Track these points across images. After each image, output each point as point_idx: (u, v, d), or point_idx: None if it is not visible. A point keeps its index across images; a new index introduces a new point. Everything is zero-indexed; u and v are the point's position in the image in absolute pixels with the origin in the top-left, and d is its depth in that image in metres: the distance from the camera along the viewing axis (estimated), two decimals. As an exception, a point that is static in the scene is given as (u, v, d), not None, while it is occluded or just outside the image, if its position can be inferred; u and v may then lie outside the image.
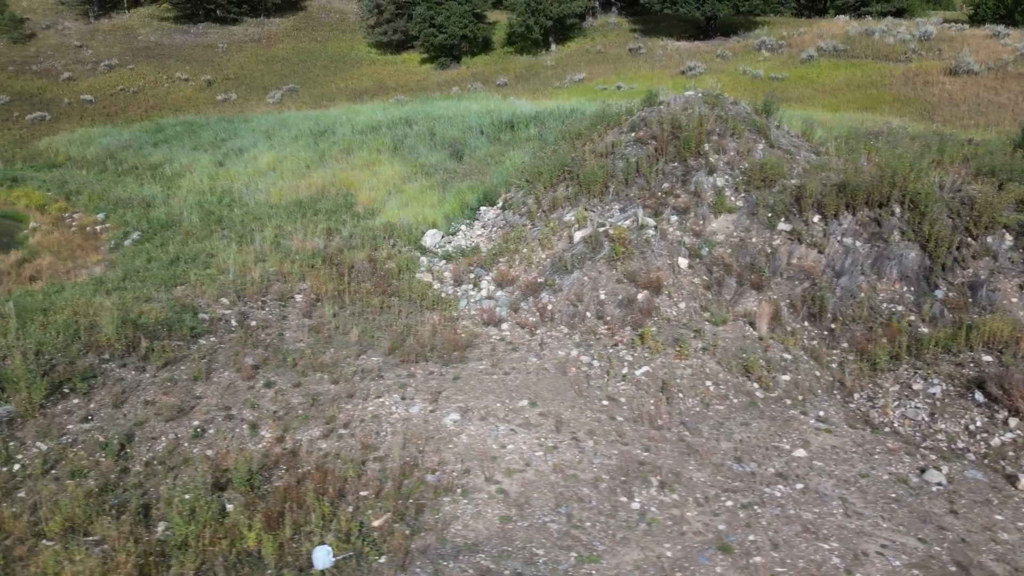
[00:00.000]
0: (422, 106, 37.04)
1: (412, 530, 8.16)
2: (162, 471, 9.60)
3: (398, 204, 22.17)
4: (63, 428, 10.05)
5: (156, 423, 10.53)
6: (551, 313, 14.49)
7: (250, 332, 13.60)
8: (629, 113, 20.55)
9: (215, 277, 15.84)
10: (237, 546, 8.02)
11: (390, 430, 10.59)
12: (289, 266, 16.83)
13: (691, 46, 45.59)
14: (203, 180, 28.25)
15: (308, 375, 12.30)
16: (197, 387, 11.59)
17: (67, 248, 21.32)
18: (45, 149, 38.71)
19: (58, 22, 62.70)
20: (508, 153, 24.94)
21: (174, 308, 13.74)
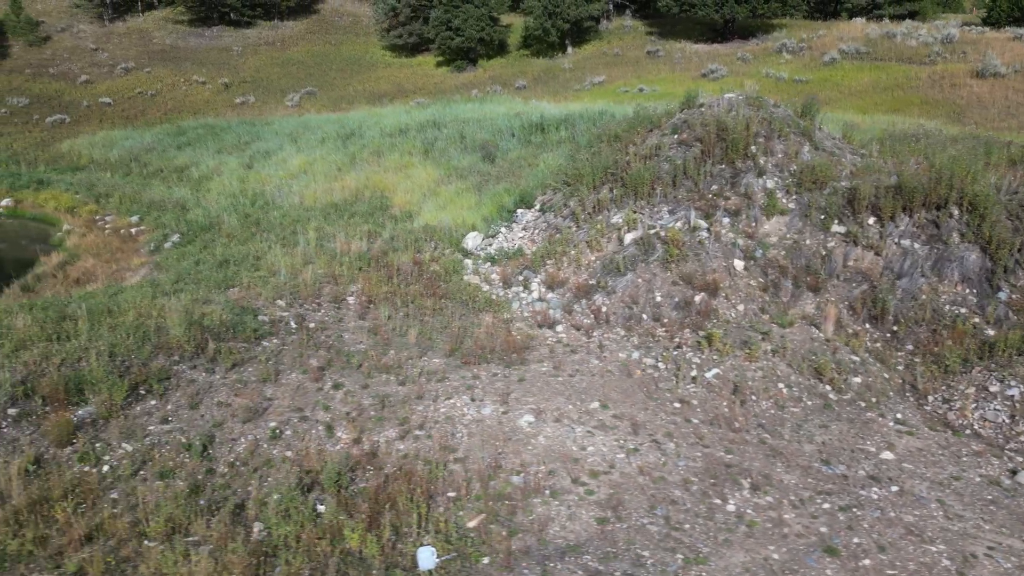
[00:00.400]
0: (445, 109, 37.11)
1: (509, 531, 8.18)
2: (246, 472, 9.64)
3: (435, 207, 22.21)
4: (145, 429, 10.10)
5: (233, 424, 10.57)
6: (606, 315, 14.52)
7: (310, 334, 13.65)
8: (668, 115, 20.61)
9: (267, 279, 15.91)
10: (337, 546, 8.05)
11: (465, 431, 10.62)
12: (337, 268, 16.91)
13: (709, 49, 45.63)
14: (232, 183, 28.32)
15: (374, 376, 12.34)
16: (267, 388, 11.63)
17: (106, 250, 21.40)
18: (67, 152, 38.80)
19: (73, 25, 62.87)
20: (540, 156, 24.96)
21: (233, 310, 13.79)
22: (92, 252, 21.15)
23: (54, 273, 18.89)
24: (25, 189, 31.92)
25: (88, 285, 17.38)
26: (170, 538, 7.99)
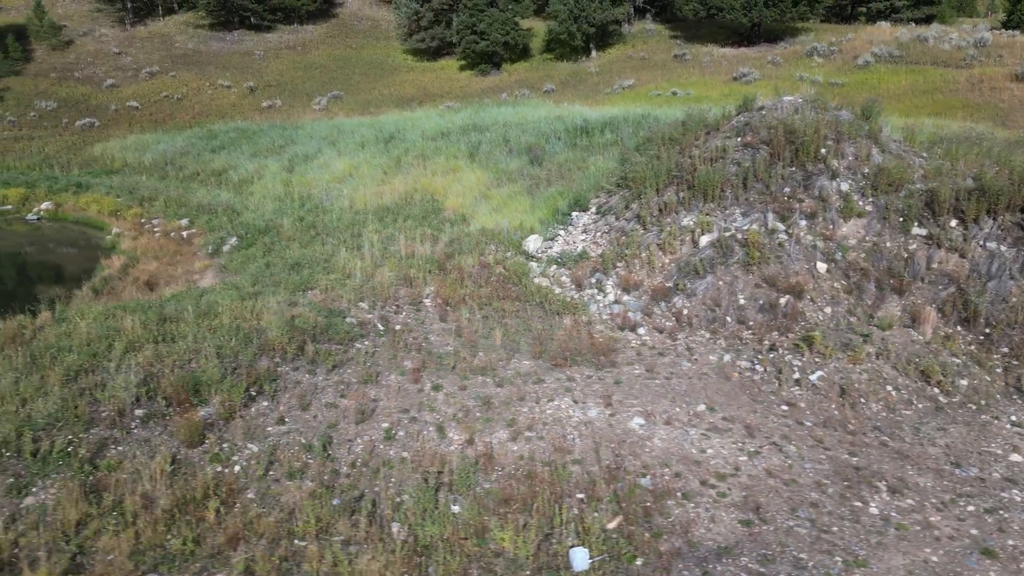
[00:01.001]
0: (480, 113, 37.20)
1: (652, 533, 8.20)
2: (368, 473, 9.67)
3: (489, 210, 22.27)
4: (264, 430, 10.14)
5: (347, 426, 10.61)
6: (688, 318, 14.55)
7: (398, 336, 13.70)
8: (725, 118, 20.70)
9: (342, 282, 15.96)
10: (484, 547, 8.08)
11: (576, 433, 10.64)
12: (408, 271, 16.97)
13: (737, 52, 45.70)
14: (276, 186, 28.44)
15: (469, 378, 12.37)
16: (369, 390, 11.67)
17: (164, 253, 21.47)
18: (100, 155, 38.92)
19: (95, 29, 63.12)
20: (588, 159, 24.99)
21: (321, 312, 13.84)
22: (150, 255, 21.22)
23: (119, 276, 18.95)
24: (64, 192, 32.01)
25: (160, 288, 17.43)
26: (319, 538, 8.02)
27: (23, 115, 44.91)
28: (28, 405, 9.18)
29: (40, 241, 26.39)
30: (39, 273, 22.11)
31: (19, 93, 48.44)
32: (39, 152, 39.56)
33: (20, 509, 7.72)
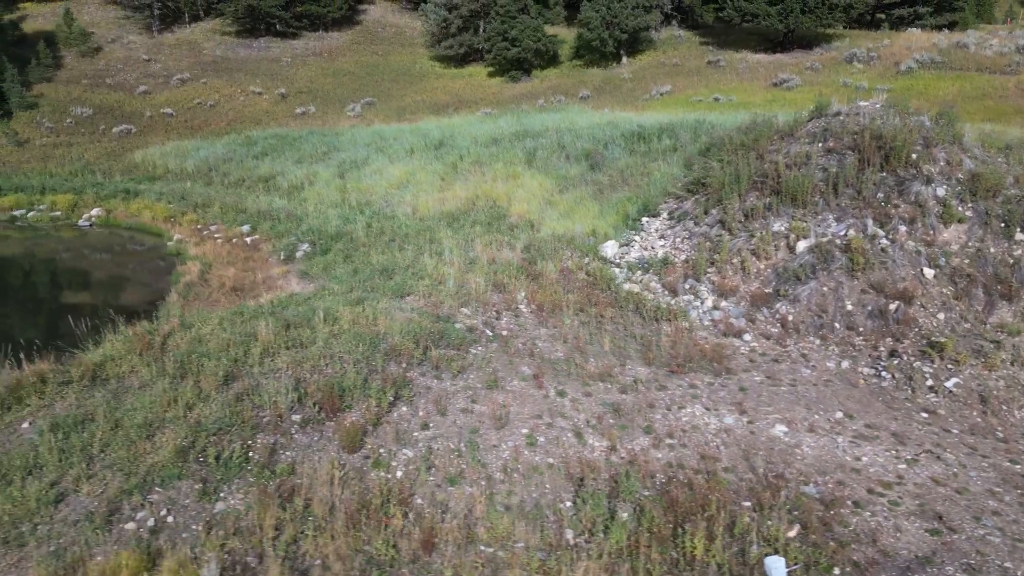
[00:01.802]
0: (521, 119, 37.22)
1: (838, 542, 8.10)
2: (521, 478, 9.60)
3: (557, 215, 22.23)
4: (411, 435, 10.08)
5: (488, 431, 10.56)
6: (794, 324, 14.47)
7: (507, 342, 13.64)
8: (797, 123, 20.68)
9: (437, 287, 15.91)
10: (663, 554, 8.00)
11: (719, 441, 10.56)
12: (496, 276, 16.93)
13: (772, 58, 45.71)
14: (331, 193, 28.45)
15: (590, 384, 12.32)
16: (496, 395, 11.61)
17: (234, 259, 21.46)
18: (141, 162, 38.99)
19: (122, 36, 63.35)
20: (649, 165, 24.95)
21: (429, 317, 13.79)
22: (222, 261, 21.20)
23: (199, 282, 18.92)
24: (112, 198, 32.09)
25: (246, 293, 17.40)
26: (503, 544, 7.95)
27: (59, 121, 45.05)
28: (194, 411, 9.12)
29: (102, 247, 26.42)
30: (115, 279, 22.10)
31: (53, 100, 48.59)
32: (79, 158, 39.66)
33: (215, 515, 7.65)
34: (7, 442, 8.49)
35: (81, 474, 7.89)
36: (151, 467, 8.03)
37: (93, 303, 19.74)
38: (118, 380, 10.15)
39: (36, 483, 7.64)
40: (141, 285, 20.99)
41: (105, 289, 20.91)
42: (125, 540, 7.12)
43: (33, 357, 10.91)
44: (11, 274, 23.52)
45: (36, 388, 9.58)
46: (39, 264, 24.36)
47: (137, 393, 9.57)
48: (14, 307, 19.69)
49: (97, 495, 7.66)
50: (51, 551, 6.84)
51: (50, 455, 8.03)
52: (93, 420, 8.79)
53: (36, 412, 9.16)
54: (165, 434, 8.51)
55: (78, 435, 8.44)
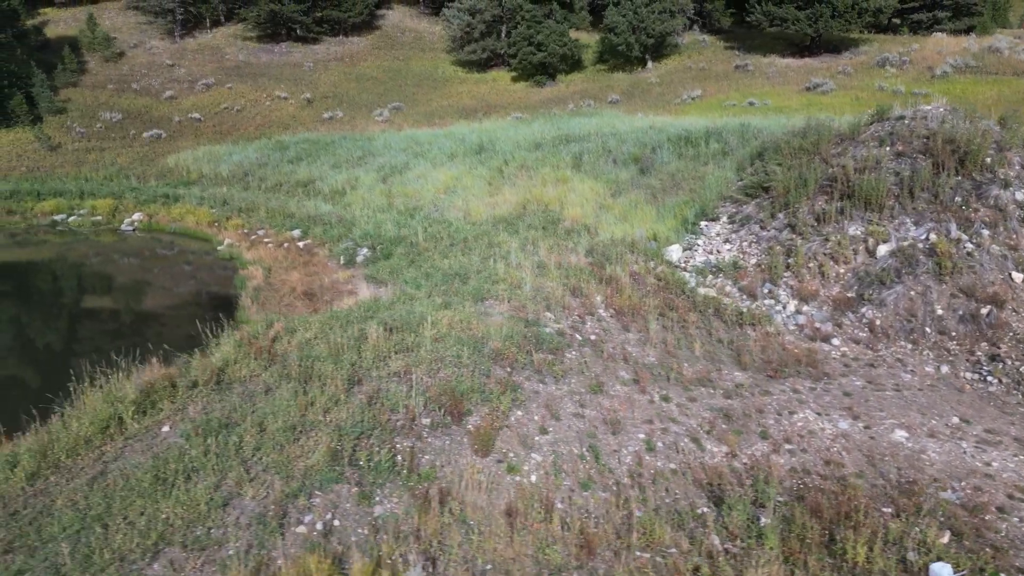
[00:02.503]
0: (555, 123, 37.23)
1: (995, 548, 8.02)
2: (649, 483, 9.53)
3: (613, 219, 22.17)
4: (533, 439, 10.02)
5: (604, 436, 10.51)
6: (882, 329, 14.39)
7: (597, 346, 13.57)
8: (856, 128, 20.65)
9: (514, 292, 15.86)
10: (821, 560, 7.92)
11: (839, 446, 10.49)
12: (571, 281, 16.88)
13: (801, 63, 45.69)
14: (376, 197, 28.43)
15: (692, 389, 12.26)
16: (603, 400, 11.56)
17: (293, 264, 21.45)
18: (174, 166, 39.04)
19: (144, 41, 63.54)
20: (699, 168, 24.89)
21: (518, 322, 13.73)
22: (281, 265, 21.18)
23: (266, 286, 18.90)
24: (152, 203, 32.14)
25: (319, 298, 17.37)
26: (656, 551, 7.88)
27: (90, 126, 45.14)
28: (330, 414, 9.06)
29: (154, 252, 26.45)
30: (180, 283, 22.11)
31: (81, 104, 48.70)
32: (112, 163, 39.74)
33: (376, 519, 7.59)
34: (154, 445, 8.43)
35: (241, 477, 7.83)
36: (307, 470, 7.97)
37: (169, 307, 19.76)
38: (241, 383, 10.10)
39: (198, 486, 7.58)
40: (207, 289, 20.99)
41: (175, 293, 20.91)
42: (300, 543, 7.06)
43: (137, 361, 10.87)
44: (83, 280, 23.55)
45: (167, 392, 9.54)
46: (103, 270, 24.36)
47: (266, 397, 9.52)
48: (101, 312, 19.74)
49: (261, 498, 7.60)
50: (231, 554, 6.78)
51: (205, 458, 7.97)
52: (237, 423, 8.74)
53: (171, 416, 9.11)
54: (311, 438, 8.46)
55: (225, 438, 8.39)
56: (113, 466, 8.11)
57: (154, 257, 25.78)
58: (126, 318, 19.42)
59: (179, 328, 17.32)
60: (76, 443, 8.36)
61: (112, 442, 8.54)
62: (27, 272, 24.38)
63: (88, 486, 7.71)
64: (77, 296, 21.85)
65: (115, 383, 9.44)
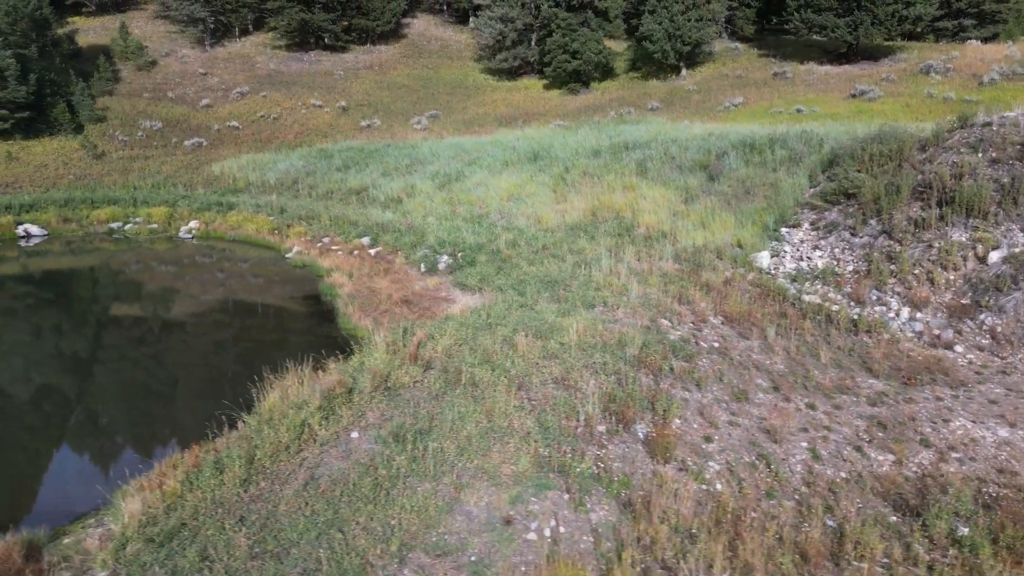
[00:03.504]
0: (603, 131, 37.23)
1: None
2: (825, 492, 9.44)
3: (691, 226, 22.09)
4: (700, 448, 9.94)
5: (767, 444, 10.42)
6: (1005, 335, 14.29)
7: (725, 354, 13.49)
8: (938, 134, 20.64)
9: (619, 299, 15.81)
10: None
11: (1004, 454, 10.39)
12: (672, 287, 16.82)
13: (840, 70, 45.69)
14: (437, 205, 28.39)
15: (834, 397, 12.17)
16: (751, 408, 11.48)
17: (373, 271, 21.40)
18: (220, 174, 39.06)
19: (176, 50, 63.78)
20: (768, 175, 24.83)
21: (639, 329, 13.67)
22: (362, 273, 21.14)
23: (359, 293, 18.86)
24: (206, 211, 32.15)
25: (415, 305, 17.31)
26: (872, 561, 7.79)
27: (132, 134, 45.28)
28: (507, 419, 8.99)
29: (223, 260, 26.47)
30: (264, 291, 22.11)
31: (119, 113, 48.84)
32: (157, 171, 39.79)
33: (595, 527, 7.51)
34: (352, 452, 8.37)
35: (455, 483, 7.76)
36: (516, 477, 7.90)
37: (269, 315, 19.73)
38: (407, 389, 10.04)
39: (418, 492, 7.50)
40: (295, 296, 20.95)
41: (267, 302, 20.90)
42: (534, 550, 6.98)
43: (292, 368, 10.83)
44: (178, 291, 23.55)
45: (343, 398, 9.47)
46: (190, 280, 24.36)
47: (438, 402, 9.46)
48: (214, 320, 19.73)
49: (483, 504, 7.52)
50: (474, 560, 6.70)
51: (414, 465, 7.90)
52: (428, 430, 8.66)
53: (354, 422, 9.05)
54: (507, 444, 8.39)
55: (423, 444, 8.32)
56: (319, 472, 8.05)
57: (227, 265, 25.79)
58: (240, 325, 19.29)
59: (293, 336, 17.27)
60: (276, 449, 8.29)
61: (309, 448, 8.47)
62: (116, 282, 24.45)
63: (304, 492, 7.64)
64: (187, 307, 21.49)
65: (297, 390, 9.38)
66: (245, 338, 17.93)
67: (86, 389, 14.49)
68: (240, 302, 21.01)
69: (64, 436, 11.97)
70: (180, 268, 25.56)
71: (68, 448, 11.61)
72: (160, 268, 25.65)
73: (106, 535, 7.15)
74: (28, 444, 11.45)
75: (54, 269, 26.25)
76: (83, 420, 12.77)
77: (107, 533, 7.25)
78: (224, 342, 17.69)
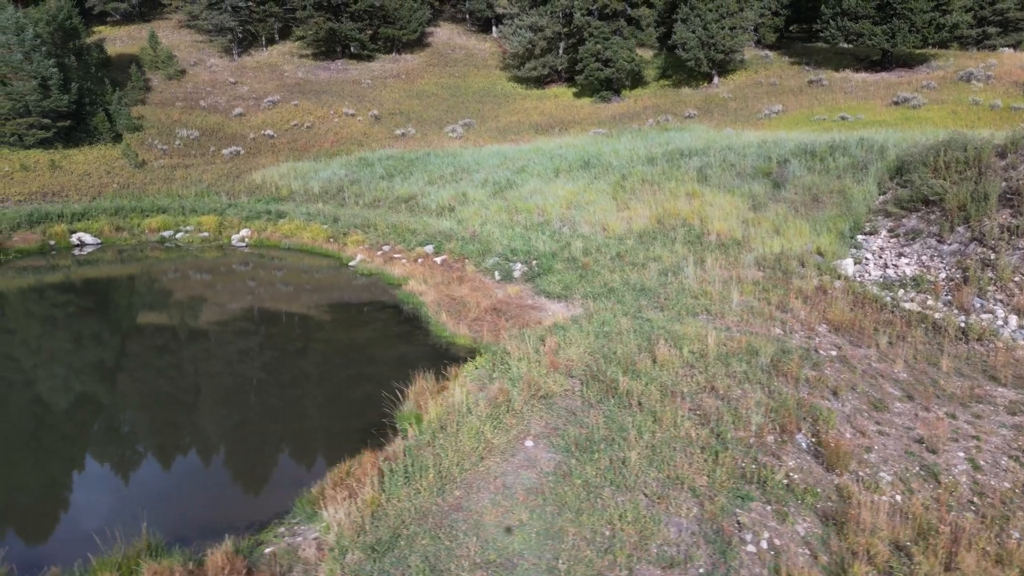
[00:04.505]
0: (647, 138, 37.19)
1: None
2: (1000, 505, 9.26)
3: (764, 234, 21.97)
4: (863, 458, 9.77)
5: (924, 454, 10.23)
6: (1123, 343, 14.10)
7: (845, 362, 13.34)
8: (1016, 141, 20.51)
9: (720, 306, 15.68)
10: None
11: None
12: (765, 295, 16.70)
13: (877, 77, 45.62)
14: (493, 213, 28.29)
15: (971, 406, 12.00)
16: (893, 418, 11.30)
17: (445, 279, 21.29)
18: (261, 183, 39.08)
19: (204, 59, 64.04)
20: (833, 182, 24.71)
21: (755, 337, 13.53)
22: (435, 281, 21.04)
23: (445, 301, 18.76)
24: (256, 220, 32.14)
25: (508, 314, 17.19)
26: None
27: (169, 143, 45.38)
28: (679, 429, 8.84)
29: (286, 268, 26.41)
30: (342, 299, 22.01)
31: (155, 121, 48.98)
32: (199, 180, 39.82)
33: (803, 539, 7.36)
34: (534, 461, 8.22)
35: (653, 494, 7.62)
36: (712, 487, 7.75)
37: (359, 322, 19.59)
38: (560, 398, 9.91)
39: (624, 503, 7.36)
40: (375, 303, 20.82)
41: (351, 310, 20.80)
42: (757, 563, 6.84)
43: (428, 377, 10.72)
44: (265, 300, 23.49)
45: (506, 406, 9.35)
46: (267, 288, 24.29)
47: (599, 411, 9.31)
48: (315, 329, 19.61)
49: (691, 516, 7.37)
50: (702, 572, 6.56)
51: (607, 474, 7.75)
52: (611, 439, 8.52)
53: (523, 431, 8.91)
54: (693, 454, 8.25)
55: (607, 454, 8.18)
56: (510, 481, 7.91)
57: (293, 274, 25.71)
58: (333, 333, 18.94)
59: (390, 343, 17.04)
60: (460, 458, 8.16)
61: (490, 457, 8.34)
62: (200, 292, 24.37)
63: (502, 501, 7.50)
64: (273, 315, 21.16)
65: (463, 397, 9.25)
66: (345, 345, 17.68)
67: (223, 398, 14.28)
68: (323, 310, 20.88)
69: (213, 445, 11.79)
70: (249, 277, 25.50)
71: (222, 456, 11.39)
72: (229, 277, 25.59)
73: (321, 544, 7.01)
74: (181, 452, 11.38)
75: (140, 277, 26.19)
76: (228, 428, 12.56)
77: (318, 541, 7.11)
78: (327, 350, 17.48)
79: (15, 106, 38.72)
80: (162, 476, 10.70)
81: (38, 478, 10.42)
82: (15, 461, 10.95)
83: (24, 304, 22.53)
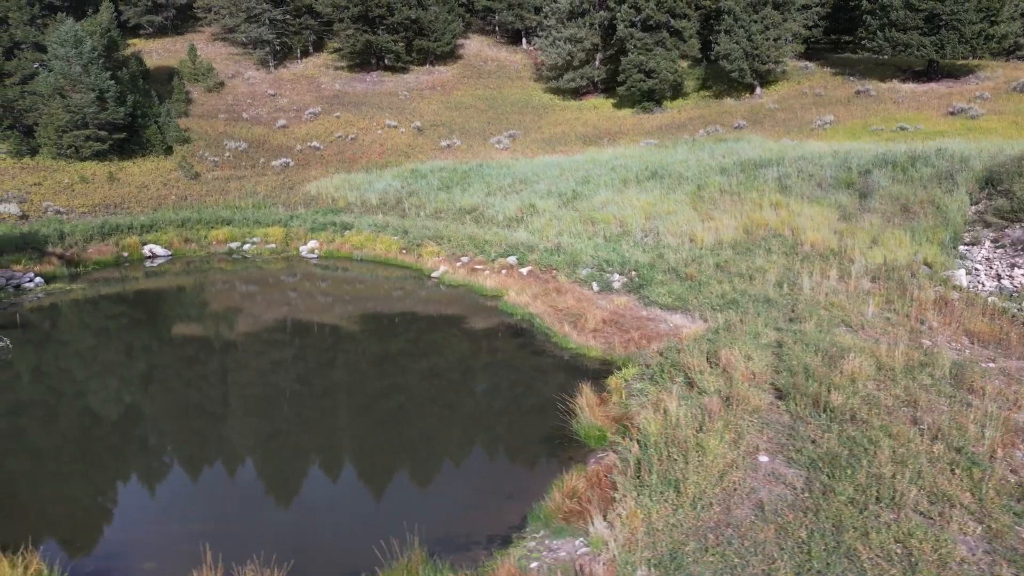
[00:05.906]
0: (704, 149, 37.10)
1: None
2: None
3: (862, 244, 21.79)
4: None
5: None
6: None
7: (1007, 375, 13.13)
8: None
9: (847, 318, 15.53)
10: None
11: None
12: (896, 306, 16.53)
13: (926, 88, 45.51)
14: (567, 224, 28.16)
15: None
16: None
17: (544, 290, 21.17)
18: (316, 195, 39.07)
19: (241, 71, 64.35)
20: (919, 192, 24.54)
21: (918, 349, 13.35)
22: (531, 292, 20.91)
23: (554, 314, 18.64)
24: (322, 231, 32.14)
25: (623, 325, 17.05)
26: None
27: (220, 155, 45.52)
28: (914, 444, 8.65)
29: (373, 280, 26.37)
30: (437, 311, 21.97)
31: (201, 133, 49.16)
32: (253, 191, 39.87)
33: None
34: (779, 477, 8.05)
35: (925, 511, 7.42)
36: (982, 504, 7.56)
37: (473, 335, 19.41)
38: (764, 411, 9.74)
39: (900, 523, 7.17)
40: (479, 315, 20.69)
41: (455, 320, 20.71)
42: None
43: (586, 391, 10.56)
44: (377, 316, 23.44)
45: (724, 419, 9.20)
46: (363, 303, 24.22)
47: (814, 425, 9.13)
48: (438, 347, 19.48)
49: (975, 534, 7.16)
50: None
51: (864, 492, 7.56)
52: (855, 456, 8.34)
53: (752, 444, 8.75)
54: (948, 469, 8.07)
55: (851, 469, 8.01)
56: (765, 497, 7.74)
57: (376, 286, 25.66)
58: (457, 345, 18.61)
59: (522, 355, 16.81)
60: (707, 473, 8.00)
61: (732, 472, 8.18)
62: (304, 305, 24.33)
63: (769, 517, 7.31)
64: (382, 329, 20.93)
65: (675, 409, 9.10)
66: (475, 358, 17.36)
67: (393, 416, 13.97)
68: (428, 323, 20.75)
69: (403, 459, 11.49)
70: (333, 290, 25.45)
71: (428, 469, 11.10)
72: (314, 290, 25.54)
73: (604, 560, 6.84)
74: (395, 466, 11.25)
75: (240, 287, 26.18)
76: (408, 440, 12.18)
77: (595, 557, 6.94)
78: (460, 363, 17.18)
79: (73, 118, 38.92)
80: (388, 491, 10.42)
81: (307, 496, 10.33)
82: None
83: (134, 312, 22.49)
